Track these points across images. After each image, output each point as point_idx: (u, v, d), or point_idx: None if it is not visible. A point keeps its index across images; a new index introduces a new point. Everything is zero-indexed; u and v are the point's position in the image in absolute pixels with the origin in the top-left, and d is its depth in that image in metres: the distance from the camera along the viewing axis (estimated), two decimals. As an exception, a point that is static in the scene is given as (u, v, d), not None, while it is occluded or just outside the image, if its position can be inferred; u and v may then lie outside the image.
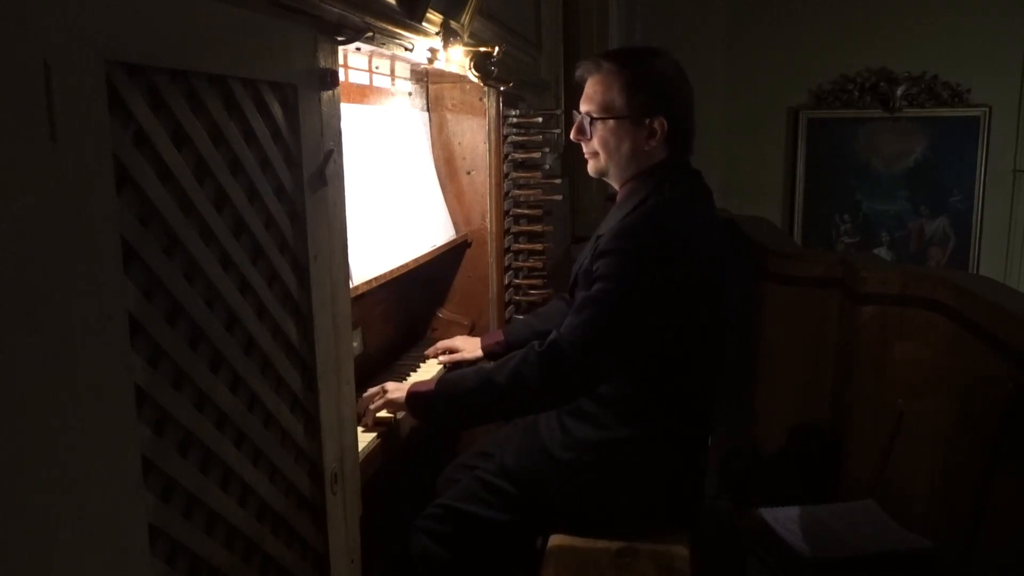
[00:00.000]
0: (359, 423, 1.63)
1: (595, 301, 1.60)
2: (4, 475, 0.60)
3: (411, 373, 1.99)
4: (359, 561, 1.30)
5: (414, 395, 1.66)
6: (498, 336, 2.09)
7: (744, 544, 2.21)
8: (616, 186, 1.80)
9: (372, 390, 1.69)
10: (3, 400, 0.60)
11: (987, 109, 5.03)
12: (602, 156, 1.75)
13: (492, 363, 1.72)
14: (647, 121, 1.69)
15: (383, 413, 1.67)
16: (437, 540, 1.73)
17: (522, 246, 2.60)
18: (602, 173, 1.79)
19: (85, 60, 0.67)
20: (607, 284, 1.59)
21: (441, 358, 2.06)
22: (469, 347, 2.07)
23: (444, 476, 2.00)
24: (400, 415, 1.69)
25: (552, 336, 1.62)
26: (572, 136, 1.80)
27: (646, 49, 1.82)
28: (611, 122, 1.71)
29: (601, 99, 1.72)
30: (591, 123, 1.74)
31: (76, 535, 0.67)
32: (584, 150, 1.80)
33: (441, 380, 1.69)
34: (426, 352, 2.11)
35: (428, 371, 2.02)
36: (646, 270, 1.59)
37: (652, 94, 1.69)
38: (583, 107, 1.76)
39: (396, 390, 1.67)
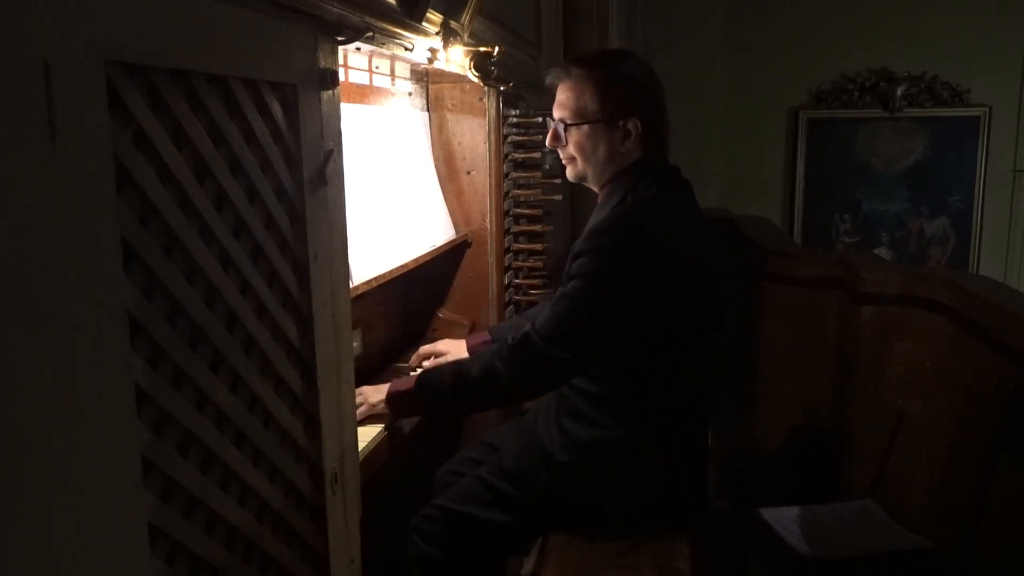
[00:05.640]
0: None
1: (568, 297, 1.62)
2: (4, 475, 0.60)
3: (410, 374, 1.97)
4: (359, 561, 1.30)
5: (394, 395, 1.67)
6: (484, 336, 2.07)
7: (744, 544, 2.21)
8: (596, 189, 1.80)
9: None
10: (3, 400, 0.60)
11: (987, 109, 5.02)
12: (579, 161, 1.76)
13: (468, 357, 1.73)
14: (621, 123, 1.69)
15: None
16: (433, 542, 1.73)
17: (522, 246, 2.60)
18: (581, 178, 1.80)
19: (85, 60, 0.67)
20: (581, 281, 1.61)
21: (426, 363, 2.02)
22: (454, 349, 2.03)
23: (441, 472, 2.00)
24: None
25: (525, 329, 1.64)
26: (548, 143, 1.81)
27: (614, 51, 1.82)
28: (585, 127, 1.72)
29: (574, 105, 1.72)
30: (566, 129, 1.74)
31: (76, 535, 0.67)
32: (561, 156, 1.81)
33: (419, 378, 1.70)
34: (409, 362, 2.06)
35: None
36: (619, 267, 1.60)
37: (624, 96, 1.70)
38: (556, 114, 1.77)
39: (375, 393, 1.67)
